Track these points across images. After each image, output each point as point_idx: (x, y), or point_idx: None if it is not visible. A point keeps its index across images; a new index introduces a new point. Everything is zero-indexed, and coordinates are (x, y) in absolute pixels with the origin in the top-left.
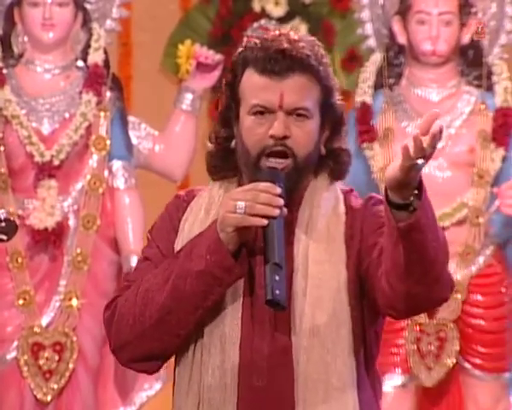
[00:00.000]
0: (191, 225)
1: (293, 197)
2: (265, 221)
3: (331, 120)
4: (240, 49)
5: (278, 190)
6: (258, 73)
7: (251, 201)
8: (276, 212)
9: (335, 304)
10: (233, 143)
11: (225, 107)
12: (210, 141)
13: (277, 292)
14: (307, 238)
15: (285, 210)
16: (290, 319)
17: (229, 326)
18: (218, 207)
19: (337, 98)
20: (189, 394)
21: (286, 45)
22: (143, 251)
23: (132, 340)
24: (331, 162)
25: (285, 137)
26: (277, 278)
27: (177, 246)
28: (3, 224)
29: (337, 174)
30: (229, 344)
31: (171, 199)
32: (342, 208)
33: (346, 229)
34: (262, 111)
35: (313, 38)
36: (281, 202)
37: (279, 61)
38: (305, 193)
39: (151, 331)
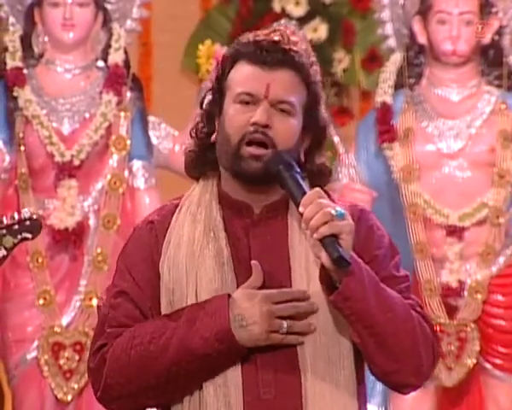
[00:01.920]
0: (177, 245)
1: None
2: (302, 341)
3: (313, 130)
4: (232, 45)
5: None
6: (248, 63)
7: (290, 312)
8: (313, 329)
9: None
10: (213, 137)
11: (210, 102)
12: (191, 136)
13: (341, 249)
14: (301, 243)
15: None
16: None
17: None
18: (203, 209)
19: (323, 110)
20: None
21: (279, 38)
22: (116, 283)
23: (124, 397)
24: (312, 178)
25: (266, 126)
26: (333, 239)
27: (163, 266)
28: (28, 222)
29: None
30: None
31: (141, 225)
32: None
33: None
34: (247, 100)
35: (307, 43)
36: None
37: (270, 53)
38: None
39: (147, 393)
